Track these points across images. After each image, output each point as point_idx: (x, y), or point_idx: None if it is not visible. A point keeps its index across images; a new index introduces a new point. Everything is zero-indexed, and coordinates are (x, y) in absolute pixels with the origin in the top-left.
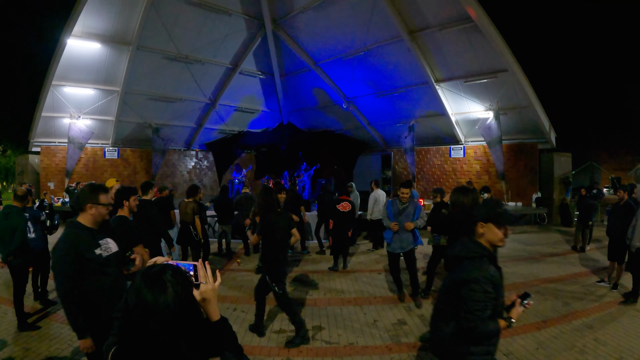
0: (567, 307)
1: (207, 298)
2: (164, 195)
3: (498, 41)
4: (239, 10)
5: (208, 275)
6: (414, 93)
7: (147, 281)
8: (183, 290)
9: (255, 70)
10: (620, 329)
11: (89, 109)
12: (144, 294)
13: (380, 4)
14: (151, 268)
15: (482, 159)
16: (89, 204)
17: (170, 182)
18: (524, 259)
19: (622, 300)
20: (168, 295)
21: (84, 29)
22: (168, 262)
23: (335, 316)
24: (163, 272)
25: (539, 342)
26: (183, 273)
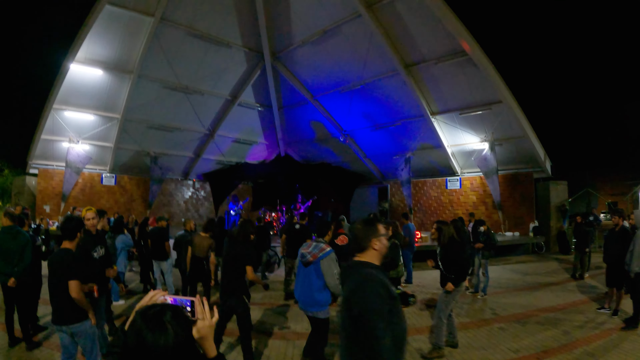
0: (568, 336)
1: (204, 335)
2: (161, 225)
3: (492, 73)
4: (239, 43)
5: (206, 312)
6: (410, 126)
7: (147, 322)
8: (183, 331)
9: (253, 102)
10: (622, 355)
11: (88, 134)
12: (144, 334)
13: (377, 38)
14: (151, 308)
15: (478, 190)
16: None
17: (167, 211)
18: (522, 289)
19: (623, 326)
20: (168, 337)
21: (87, 55)
22: (167, 300)
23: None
24: (163, 313)
25: None
26: (183, 314)
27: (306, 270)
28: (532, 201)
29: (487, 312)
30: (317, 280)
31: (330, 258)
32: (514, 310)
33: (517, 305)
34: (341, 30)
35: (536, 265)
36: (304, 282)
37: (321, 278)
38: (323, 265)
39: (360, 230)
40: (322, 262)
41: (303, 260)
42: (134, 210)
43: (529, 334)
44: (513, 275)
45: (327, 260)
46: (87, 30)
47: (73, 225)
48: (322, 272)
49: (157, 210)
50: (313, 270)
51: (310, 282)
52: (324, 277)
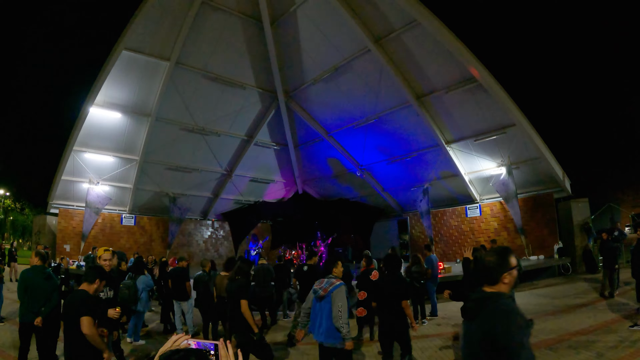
0: (602, 358)
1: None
2: (181, 265)
3: (503, 97)
4: (253, 84)
5: (230, 356)
6: (426, 156)
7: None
8: None
9: (269, 141)
10: None
11: (107, 175)
12: None
13: (387, 72)
14: (175, 353)
15: (499, 216)
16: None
17: (186, 251)
18: (551, 314)
19: None
20: None
21: (106, 99)
22: (190, 345)
23: None
24: (187, 359)
25: None
26: (207, 359)
27: (321, 305)
28: (554, 222)
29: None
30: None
31: (341, 290)
32: (544, 337)
33: (546, 330)
34: (352, 67)
35: (564, 287)
36: (322, 316)
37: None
38: (333, 297)
39: (492, 262)
40: (332, 295)
41: (316, 296)
42: (154, 250)
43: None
44: (540, 300)
45: (337, 293)
46: (105, 74)
47: (96, 271)
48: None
49: (177, 250)
50: (327, 304)
51: (329, 315)
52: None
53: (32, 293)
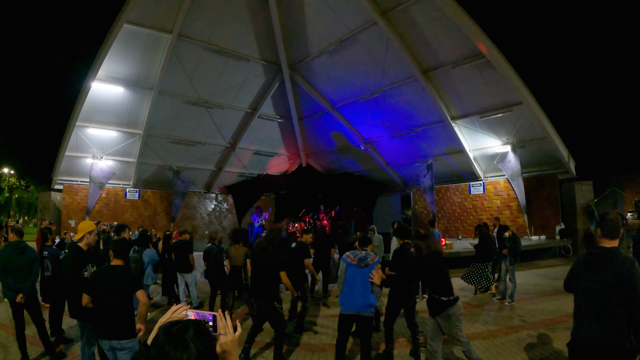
0: None
1: (227, 350)
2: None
3: (511, 75)
4: (257, 56)
5: (228, 326)
6: (431, 132)
7: (169, 339)
8: (205, 348)
9: (273, 114)
10: None
11: (111, 150)
12: (166, 351)
13: (393, 45)
14: (174, 324)
15: (502, 194)
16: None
17: (190, 224)
18: (550, 294)
19: None
20: (191, 354)
21: (108, 73)
22: (189, 316)
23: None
24: (185, 330)
25: None
26: (206, 330)
27: (362, 274)
28: (557, 203)
29: (515, 319)
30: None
31: (378, 267)
32: (543, 317)
33: (545, 311)
34: (357, 39)
35: (564, 268)
36: (359, 286)
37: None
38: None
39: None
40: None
41: (364, 262)
42: (158, 224)
43: (558, 341)
44: (540, 280)
45: (377, 268)
46: (107, 49)
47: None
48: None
49: (181, 223)
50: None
51: (366, 286)
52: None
53: (10, 271)
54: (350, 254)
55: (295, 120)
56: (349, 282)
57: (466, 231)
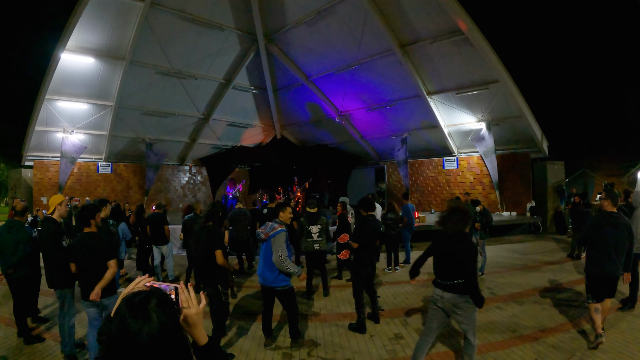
0: (565, 315)
1: (192, 323)
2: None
3: (489, 52)
4: (232, 25)
5: (191, 299)
6: (406, 106)
7: (131, 310)
8: (168, 319)
9: (248, 85)
10: (619, 335)
11: (82, 123)
12: (128, 322)
13: (372, 18)
14: (136, 295)
15: (475, 170)
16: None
17: (164, 197)
18: (520, 269)
19: (620, 306)
20: (152, 324)
21: (78, 44)
22: (152, 287)
23: (332, 332)
24: (147, 301)
25: (538, 352)
26: (169, 301)
27: (264, 248)
28: (529, 181)
29: (484, 292)
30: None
31: (281, 236)
32: (512, 290)
33: (514, 284)
34: (335, 10)
35: (533, 245)
36: (262, 259)
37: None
38: (273, 242)
39: (618, 196)
40: (272, 240)
41: (258, 238)
42: (131, 198)
43: (527, 314)
44: (510, 255)
45: (277, 238)
46: (76, 18)
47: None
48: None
49: (154, 196)
50: (267, 247)
51: (267, 258)
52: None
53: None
54: (262, 226)
55: (270, 91)
56: (260, 255)
57: (439, 205)
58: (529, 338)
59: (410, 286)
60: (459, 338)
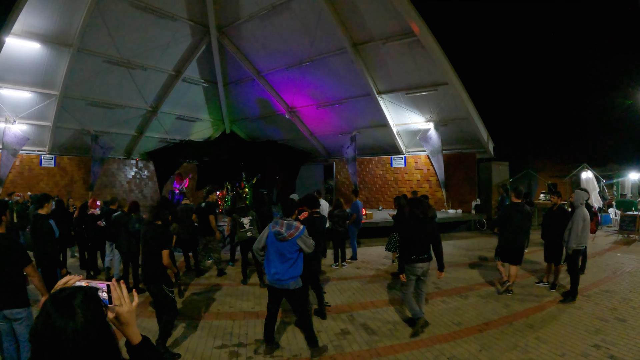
0: (508, 308)
1: (124, 321)
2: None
3: (439, 56)
4: (185, 16)
5: (124, 297)
6: (357, 104)
7: (56, 306)
8: (94, 316)
9: (198, 77)
10: (560, 327)
11: (25, 113)
12: (52, 318)
13: (326, 15)
14: (62, 291)
15: (422, 169)
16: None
17: (110, 192)
18: (464, 264)
19: (561, 299)
20: (77, 322)
21: (24, 28)
22: (80, 284)
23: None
24: (73, 297)
25: (482, 344)
26: (95, 298)
27: (281, 248)
28: (474, 180)
29: (430, 287)
30: (291, 255)
31: (305, 235)
32: (457, 284)
33: (459, 279)
34: (290, 6)
35: (478, 241)
36: (277, 259)
37: (295, 254)
38: (300, 242)
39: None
40: (300, 239)
41: (279, 237)
42: (75, 193)
43: (471, 307)
44: (455, 251)
45: (303, 239)
46: (24, 0)
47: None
48: (297, 248)
49: (99, 192)
50: (290, 246)
51: (284, 258)
52: (303, 251)
53: None
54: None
55: (220, 85)
56: (271, 255)
57: (386, 202)
58: (474, 330)
59: (358, 281)
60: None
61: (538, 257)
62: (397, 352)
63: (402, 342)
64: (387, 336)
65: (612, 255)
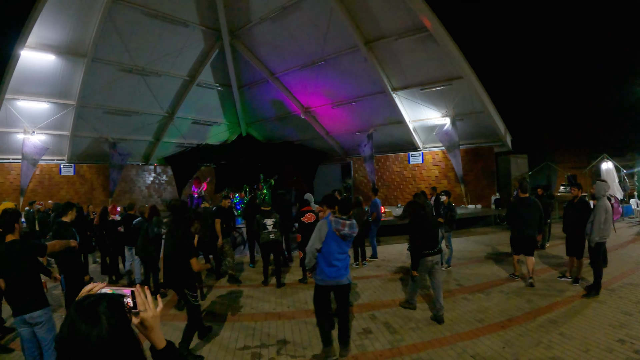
0: (531, 304)
1: (148, 326)
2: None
3: (453, 49)
4: (196, 21)
5: (148, 302)
6: (372, 102)
7: (80, 312)
8: (118, 322)
9: (212, 82)
10: (584, 322)
11: (43, 123)
12: (77, 325)
13: (337, 14)
14: (86, 298)
15: (440, 164)
16: None
17: (129, 198)
18: (485, 260)
19: (585, 293)
20: (102, 328)
21: (38, 40)
22: (104, 291)
23: (300, 329)
24: (97, 304)
25: (505, 341)
26: (119, 304)
27: (342, 245)
28: (493, 174)
29: (451, 283)
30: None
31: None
32: (478, 281)
33: (480, 275)
34: (300, 7)
35: (498, 236)
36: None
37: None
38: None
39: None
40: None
41: (343, 235)
42: (95, 200)
43: (493, 304)
44: (476, 247)
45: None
46: (37, 14)
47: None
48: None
49: (119, 198)
50: (347, 244)
51: (345, 255)
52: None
53: None
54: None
55: (235, 88)
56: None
57: (405, 200)
58: (496, 327)
59: (378, 280)
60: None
61: (560, 251)
62: (420, 350)
63: (424, 341)
64: (409, 335)
65: (636, 247)
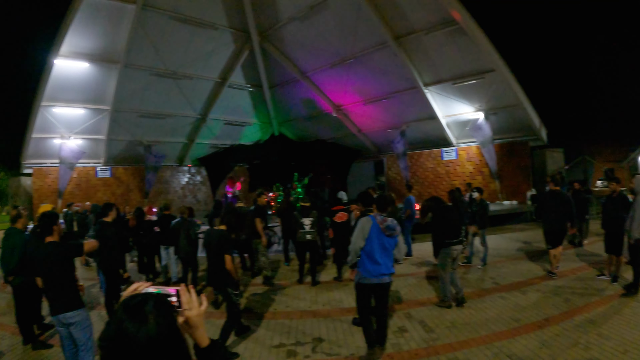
0: (568, 303)
1: (193, 325)
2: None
3: (484, 42)
4: (225, 24)
5: (193, 301)
6: (403, 98)
7: (128, 312)
8: (165, 321)
9: (243, 83)
10: (623, 322)
11: (79, 128)
12: (125, 325)
13: (365, 11)
14: (133, 298)
15: (474, 160)
16: None
17: (164, 198)
18: (521, 257)
19: (623, 292)
20: (149, 327)
21: (71, 49)
22: (150, 290)
23: (335, 327)
24: (144, 303)
25: (542, 341)
26: (166, 303)
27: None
28: (528, 169)
29: (487, 282)
30: (391, 250)
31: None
32: (514, 279)
33: (517, 273)
34: (328, 5)
35: (534, 233)
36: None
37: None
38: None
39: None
40: (399, 236)
41: (389, 233)
42: (132, 201)
43: (530, 303)
44: (511, 244)
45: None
46: (69, 23)
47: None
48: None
49: (155, 198)
50: (392, 242)
51: (391, 253)
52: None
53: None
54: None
55: (266, 88)
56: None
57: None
58: (533, 327)
59: (413, 278)
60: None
61: (598, 249)
62: (456, 349)
63: (460, 340)
64: (445, 334)
65: None
